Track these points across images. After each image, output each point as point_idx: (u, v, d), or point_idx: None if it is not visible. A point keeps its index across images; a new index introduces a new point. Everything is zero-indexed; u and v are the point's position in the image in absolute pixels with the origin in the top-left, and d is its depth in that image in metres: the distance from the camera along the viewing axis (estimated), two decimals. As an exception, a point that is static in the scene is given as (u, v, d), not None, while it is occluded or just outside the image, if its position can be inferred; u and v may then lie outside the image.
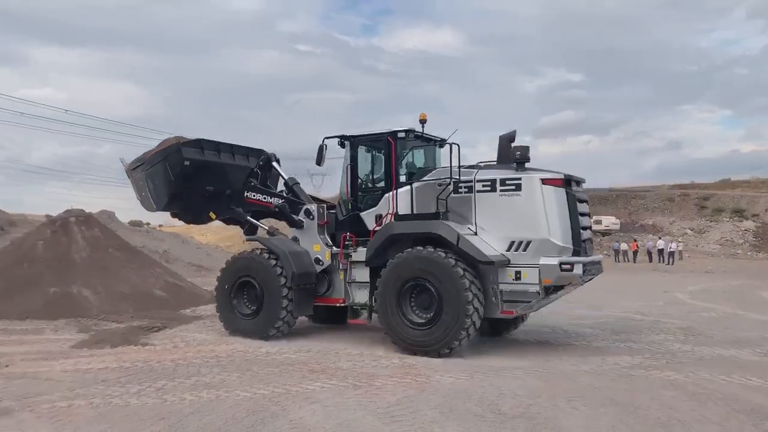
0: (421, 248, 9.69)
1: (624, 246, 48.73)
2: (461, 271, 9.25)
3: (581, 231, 9.67)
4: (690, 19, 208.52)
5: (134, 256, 17.19)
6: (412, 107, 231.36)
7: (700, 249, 54.55)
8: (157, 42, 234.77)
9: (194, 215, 13.11)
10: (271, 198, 12.17)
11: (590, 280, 10.25)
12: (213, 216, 12.69)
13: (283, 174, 12.71)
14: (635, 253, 47.48)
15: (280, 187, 12.88)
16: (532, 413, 6.46)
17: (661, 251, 45.55)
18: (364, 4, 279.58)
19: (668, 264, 42.55)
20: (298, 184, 12.39)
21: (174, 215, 13.30)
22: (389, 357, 9.36)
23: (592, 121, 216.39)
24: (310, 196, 12.34)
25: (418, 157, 11.51)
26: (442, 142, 11.14)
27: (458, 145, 9.92)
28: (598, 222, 57.58)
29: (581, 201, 9.96)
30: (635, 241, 51.06)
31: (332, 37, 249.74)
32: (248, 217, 12.36)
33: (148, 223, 54.04)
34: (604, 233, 56.60)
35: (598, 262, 10.38)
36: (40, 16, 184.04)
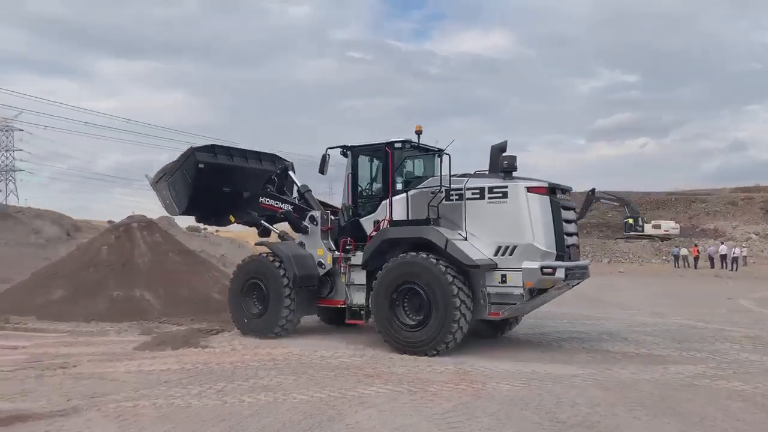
0: (413, 253, 10.18)
1: (684, 251, 47.21)
2: (450, 278, 9.69)
3: (565, 237, 10.11)
4: (753, 16, 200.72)
5: (193, 261, 17.62)
6: (464, 111, 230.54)
7: (766, 254, 52.34)
8: (214, 52, 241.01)
9: (215, 218, 14.00)
10: (283, 204, 12.85)
11: (577, 284, 10.79)
12: (232, 219, 13.53)
13: (296, 182, 13.37)
14: (696, 258, 45.95)
15: (295, 194, 13.55)
16: (591, 422, 6.34)
17: (723, 257, 43.97)
18: (415, 10, 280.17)
19: (731, 270, 41.04)
20: (310, 191, 13.02)
21: (198, 220, 14.28)
22: (443, 363, 9.33)
23: (649, 123, 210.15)
24: (322, 203, 13.03)
25: (418, 167, 12.03)
26: (439, 152, 11.59)
27: (449, 155, 10.81)
28: (657, 227, 55.94)
29: (566, 208, 10.46)
30: (696, 246, 49.40)
31: (384, 44, 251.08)
32: (262, 221, 13.09)
33: (205, 228, 55.30)
34: (663, 238, 54.90)
35: (584, 267, 10.89)
36: (105, 30, 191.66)
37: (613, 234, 58.34)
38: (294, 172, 13.61)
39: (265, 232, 13.33)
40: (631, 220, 56.73)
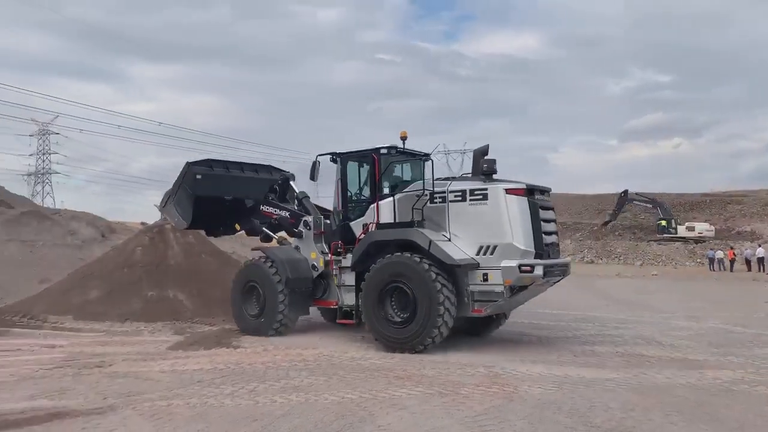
0: (399, 254, 10.61)
1: (720, 254, 46.24)
2: (434, 276, 10.11)
3: (543, 236, 10.51)
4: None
5: (225, 262, 17.79)
6: (495, 112, 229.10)
7: (806, 257, 50.94)
8: (244, 56, 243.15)
9: (222, 227, 14.62)
10: (281, 211, 13.52)
11: (558, 281, 11.27)
12: (238, 227, 14.22)
13: (296, 190, 13.93)
14: (732, 261, 44.94)
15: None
16: (625, 427, 6.24)
17: (761, 259, 42.92)
18: (445, 11, 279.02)
19: (770, 273, 40.05)
20: (308, 197, 13.62)
21: (207, 233, 15.03)
22: (474, 366, 9.28)
23: (683, 124, 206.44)
24: (320, 208, 13.50)
25: (405, 171, 12.39)
26: (426, 157, 12.01)
27: (432, 160, 11.54)
28: (691, 229, 54.90)
29: (545, 208, 10.85)
30: (732, 248, 48.34)
31: (412, 45, 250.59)
32: (264, 228, 13.76)
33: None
34: (698, 240, 53.85)
35: (564, 265, 11.34)
36: (139, 35, 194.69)
37: (646, 236, 57.44)
38: (294, 181, 14.18)
39: (266, 239, 13.90)
40: (664, 222, 55.83)
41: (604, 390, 7.77)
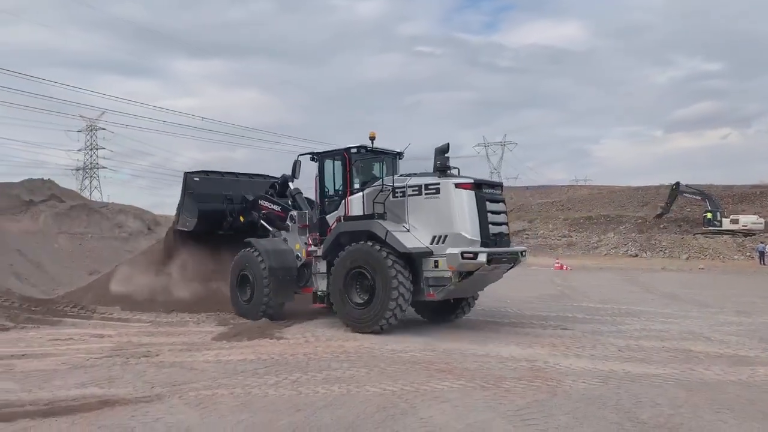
0: (363, 243, 11.62)
1: (770, 247, 44.68)
2: (390, 262, 11.12)
3: (491, 226, 11.41)
4: None
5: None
6: (536, 103, 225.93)
7: None
8: (284, 50, 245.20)
9: (229, 222, 15.45)
10: (274, 206, 14.63)
11: (509, 267, 12.07)
12: (242, 218, 15.21)
13: (291, 187, 14.95)
14: (784, 255, 43.42)
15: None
16: (674, 424, 6.10)
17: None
18: (484, 2, 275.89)
19: (824, 267, 38.63)
20: (300, 193, 14.79)
21: (218, 228, 15.55)
22: (516, 359, 9.19)
23: (732, 113, 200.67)
24: (311, 202, 14.46)
25: (379, 168, 13.36)
26: (399, 155, 13.42)
27: (393, 157, 13.25)
28: (735, 221, 53.14)
29: (494, 201, 11.76)
30: (784, 241, 46.67)
31: (452, 37, 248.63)
32: (262, 222, 14.73)
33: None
34: (747, 233, 52.09)
35: (514, 253, 12.06)
36: (182, 32, 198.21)
37: (692, 229, 55.98)
38: (292, 182, 14.91)
39: (264, 231, 14.70)
40: (709, 215, 54.28)
41: (651, 386, 7.61)
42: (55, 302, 14.95)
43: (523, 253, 12.53)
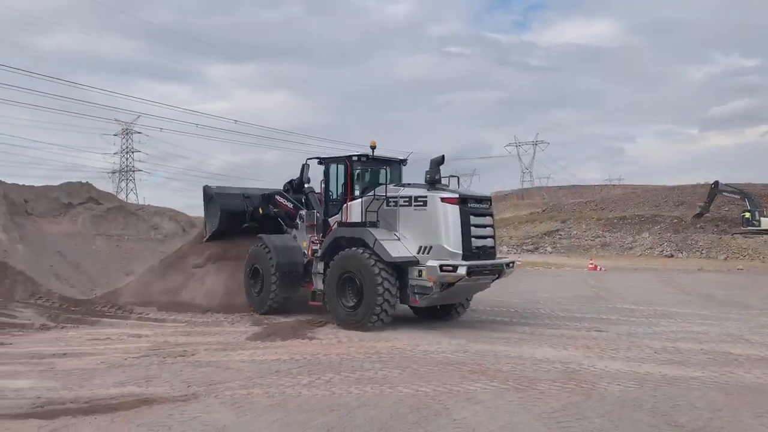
0: (354, 249, 12.16)
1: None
2: (377, 269, 11.67)
3: (474, 239, 11.85)
4: None
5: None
6: (567, 102, 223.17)
7: None
8: (314, 53, 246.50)
9: (249, 213, 15.89)
10: (288, 203, 15.01)
11: (493, 278, 12.42)
12: (261, 210, 15.62)
13: (305, 187, 15.09)
14: (828, 255, 42.10)
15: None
16: (713, 428, 6.00)
17: None
18: (515, 1, 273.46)
19: None
20: (313, 192, 15.03)
21: (240, 224, 15.88)
22: (550, 361, 9.11)
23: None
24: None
25: (382, 175, 13.82)
26: (402, 162, 13.92)
27: (397, 164, 13.81)
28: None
29: (479, 215, 12.17)
30: (827, 242, 45.27)
31: (482, 37, 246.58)
32: (278, 218, 15.19)
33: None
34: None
35: (498, 266, 12.40)
36: (215, 36, 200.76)
37: (730, 229, 54.70)
38: (308, 182, 15.10)
39: (279, 226, 15.27)
40: (747, 214, 52.95)
41: (689, 389, 7.49)
42: (93, 302, 15.28)
43: (510, 264, 12.91)
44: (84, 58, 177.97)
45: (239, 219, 15.93)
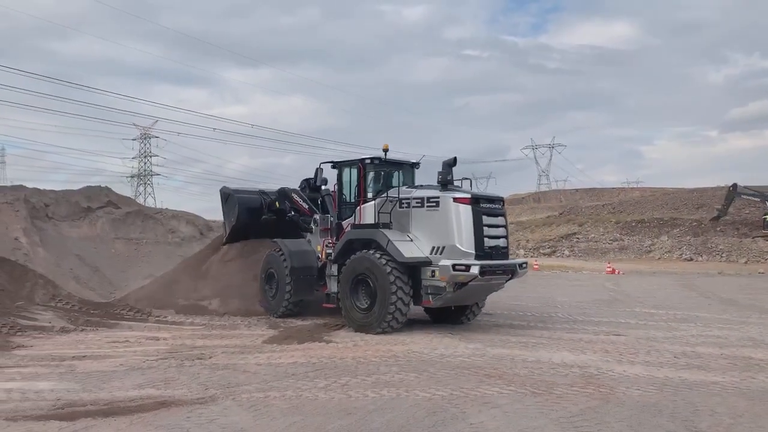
0: (366, 251, 12.21)
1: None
2: (389, 270, 11.70)
3: (487, 239, 11.85)
4: None
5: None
6: (585, 105, 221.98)
7: None
8: (332, 56, 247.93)
9: (266, 204, 16.06)
10: (304, 203, 15.13)
11: (508, 279, 12.43)
12: (278, 204, 15.73)
13: (322, 189, 15.27)
14: None
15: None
16: (734, 434, 5.91)
17: None
18: (532, 4, 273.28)
19: None
20: (329, 194, 15.18)
21: (266, 220, 15.99)
22: (568, 366, 9.05)
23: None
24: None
25: (395, 178, 13.95)
26: (415, 164, 14.13)
27: (410, 167, 14.02)
28: None
29: (493, 215, 12.20)
30: None
31: (499, 39, 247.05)
32: (291, 213, 15.35)
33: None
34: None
35: (511, 266, 12.44)
36: (233, 42, 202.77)
37: (750, 232, 53.99)
38: (326, 183, 15.08)
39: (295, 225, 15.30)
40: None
41: (709, 394, 7.40)
42: (112, 305, 15.44)
43: (523, 265, 12.90)
44: (103, 64, 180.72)
45: (257, 212, 16.10)
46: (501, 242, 12.41)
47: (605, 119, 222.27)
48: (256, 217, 16.08)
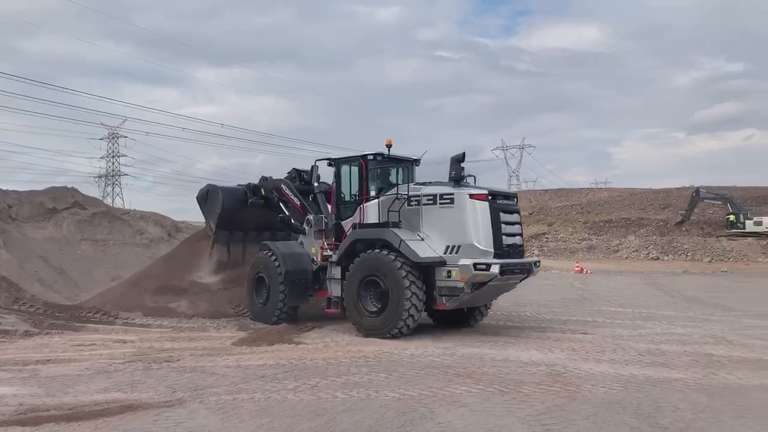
0: (377, 251, 11.61)
1: (797, 249, 43.79)
2: (404, 272, 11.12)
3: (504, 237, 11.40)
4: None
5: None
6: (555, 107, 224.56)
7: None
8: (304, 58, 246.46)
9: (251, 192, 15.29)
10: (295, 198, 14.40)
11: (522, 278, 12.07)
12: (263, 192, 15.08)
13: (315, 186, 14.68)
14: (810, 257, 42.59)
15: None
16: (695, 429, 6.06)
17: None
18: (503, 6, 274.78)
19: None
20: (322, 192, 14.41)
21: (252, 203, 15.23)
22: (536, 364, 9.15)
23: (755, 114, 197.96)
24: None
25: (395, 175, 13.43)
26: (415, 161, 13.47)
27: (410, 164, 13.33)
28: (759, 223, 52.26)
29: (509, 212, 11.78)
30: (810, 244, 45.79)
31: (471, 41, 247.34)
32: (282, 215, 14.66)
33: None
34: (771, 235, 51.14)
35: (527, 264, 12.09)
36: (205, 41, 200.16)
37: (714, 231, 55.22)
38: (317, 183, 14.78)
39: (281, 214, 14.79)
40: (732, 217, 53.55)
41: (672, 390, 7.55)
42: (78, 308, 15.17)
43: (537, 264, 12.57)
44: (72, 63, 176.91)
45: (242, 200, 15.30)
46: (517, 240, 12.00)
47: (575, 121, 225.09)
48: (241, 204, 15.29)
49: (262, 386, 7.85)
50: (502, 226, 11.44)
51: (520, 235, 12.20)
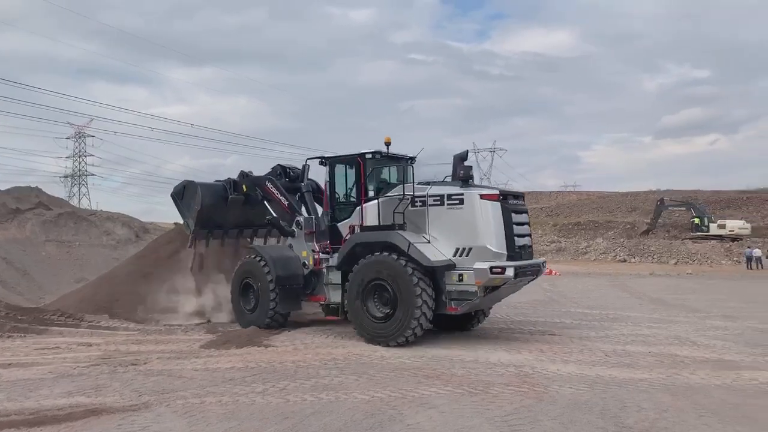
0: (383, 254, 11.10)
1: (758, 252, 45.02)
2: (415, 278, 10.62)
3: (516, 238, 11.01)
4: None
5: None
6: (527, 110, 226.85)
7: None
8: (277, 58, 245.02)
9: (231, 187, 14.68)
10: (281, 196, 13.83)
11: (531, 280, 11.84)
12: (245, 188, 14.49)
13: (303, 185, 14.17)
14: (771, 259, 43.73)
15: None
16: (659, 428, 6.17)
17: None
18: (476, 11, 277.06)
19: (810, 272, 38.93)
20: (310, 192, 13.99)
21: (233, 200, 14.65)
22: (504, 365, 9.23)
23: (720, 119, 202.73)
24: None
25: (392, 174, 12.84)
26: (411, 160, 12.82)
27: (406, 162, 12.66)
28: (722, 226, 53.60)
29: (518, 212, 11.40)
30: (771, 246, 47.04)
31: (444, 45, 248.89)
32: (263, 201, 14.24)
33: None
34: (734, 238, 52.51)
35: (537, 266, 11.74)
36: (176, 40, 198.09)
37: (680, 234, 56.42)
38: (303, 182, 14.27)
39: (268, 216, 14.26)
40: (697, 220, 54.81)
41: (637, 390, 7.68)
42: (42, 311, 14.84)
43: (544, 264, 12.28)
44: (38, 61, 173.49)
45: (221, 197, 14.65)
46: (527, 241, 11.66)
47: (546, 125, 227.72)
48: (221, 200, 14.68)
49: (230, 389, 7.78)
50: (514, 227, 11.08)
51: (530, 235, 11.91)
